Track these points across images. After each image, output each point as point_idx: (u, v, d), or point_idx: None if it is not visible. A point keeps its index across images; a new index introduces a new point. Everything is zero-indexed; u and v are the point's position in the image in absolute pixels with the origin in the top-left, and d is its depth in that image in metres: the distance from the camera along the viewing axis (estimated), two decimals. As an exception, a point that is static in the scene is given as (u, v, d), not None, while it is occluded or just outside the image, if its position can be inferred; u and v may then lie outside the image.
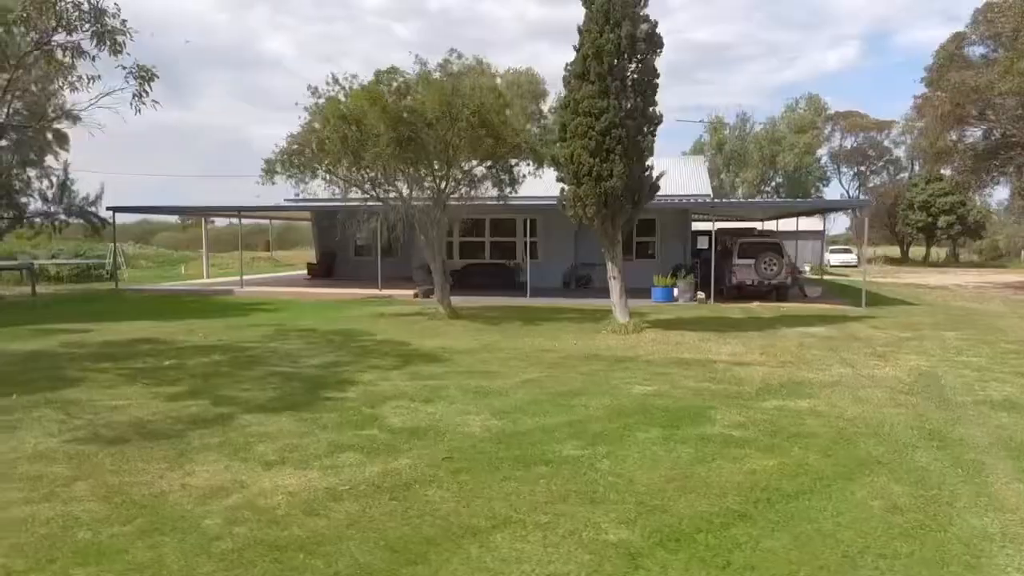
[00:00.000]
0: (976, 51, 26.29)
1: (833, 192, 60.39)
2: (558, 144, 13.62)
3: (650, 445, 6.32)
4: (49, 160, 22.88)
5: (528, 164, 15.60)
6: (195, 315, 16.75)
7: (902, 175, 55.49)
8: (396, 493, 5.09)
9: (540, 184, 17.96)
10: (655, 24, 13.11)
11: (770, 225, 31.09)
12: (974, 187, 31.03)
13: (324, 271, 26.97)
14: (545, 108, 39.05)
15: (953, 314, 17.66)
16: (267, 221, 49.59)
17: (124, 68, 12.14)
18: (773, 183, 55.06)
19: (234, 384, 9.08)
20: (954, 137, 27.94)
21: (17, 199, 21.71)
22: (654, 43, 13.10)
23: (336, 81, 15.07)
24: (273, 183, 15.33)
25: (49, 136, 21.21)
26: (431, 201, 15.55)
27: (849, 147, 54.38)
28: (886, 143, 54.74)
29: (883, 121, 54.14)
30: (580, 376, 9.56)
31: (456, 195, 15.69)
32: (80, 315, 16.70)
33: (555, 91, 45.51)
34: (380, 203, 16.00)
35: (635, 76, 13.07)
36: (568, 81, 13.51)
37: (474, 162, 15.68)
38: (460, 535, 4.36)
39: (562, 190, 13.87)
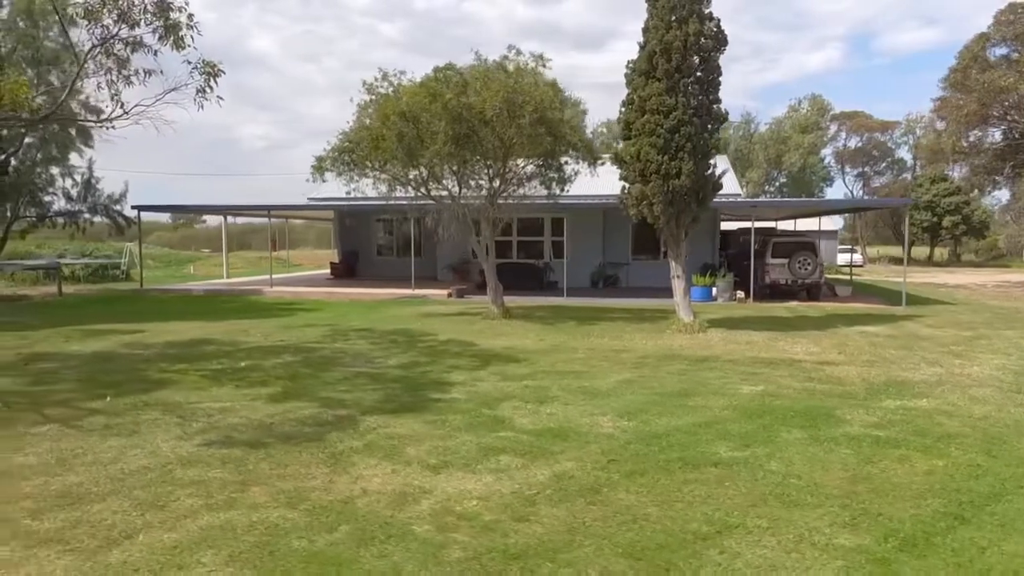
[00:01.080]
0: (996, 52, 26.46)
1: (836, 192, 60.82)
2: (621, 142, 13.49)
3: (804, 446, 6.20)
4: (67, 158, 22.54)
5: (580, 162, 15.43)
6: (238, 315, 16.48)
7: (904, 175, 55.94)
8: (589, 497, 4.94)
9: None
10: (719, 22, 13.03)
11: (785, 225, 31.17)
12: (989, 187, 31.24)
13: (347, 271, 26.70)
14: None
15: (998, 313, 17.70)
16: (266, 221, 49.31)
17: (189, 63, 11.91)
18: (777, 183, 55.27)
19: (326, 385, 8.88)
20: (972, 137, 28.11)
21: (40, 197, 21.31)
22: (720, 40, 13.02)
23: (385, 77, 14.88)
24: (324, 180, 15.09)
25: (72, 132, 20.83)
26: (483, 200, 15.37)
27: (853, 147, 54.73)
28: (889, 144, 55.24)
29: (888, 122, 54.62)
30: (674, 376, 9.44)
31: (506, 193, 15.51)
32: (118, 315, 16.37)
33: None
34: (430, 202, 15.76)
35: (699, 73, 12.98)
36: (631, 79, 13.39)
37: (520, 161, 15.51)
38: (691, 541, 4.22)
39: (623, 188, 13.76)
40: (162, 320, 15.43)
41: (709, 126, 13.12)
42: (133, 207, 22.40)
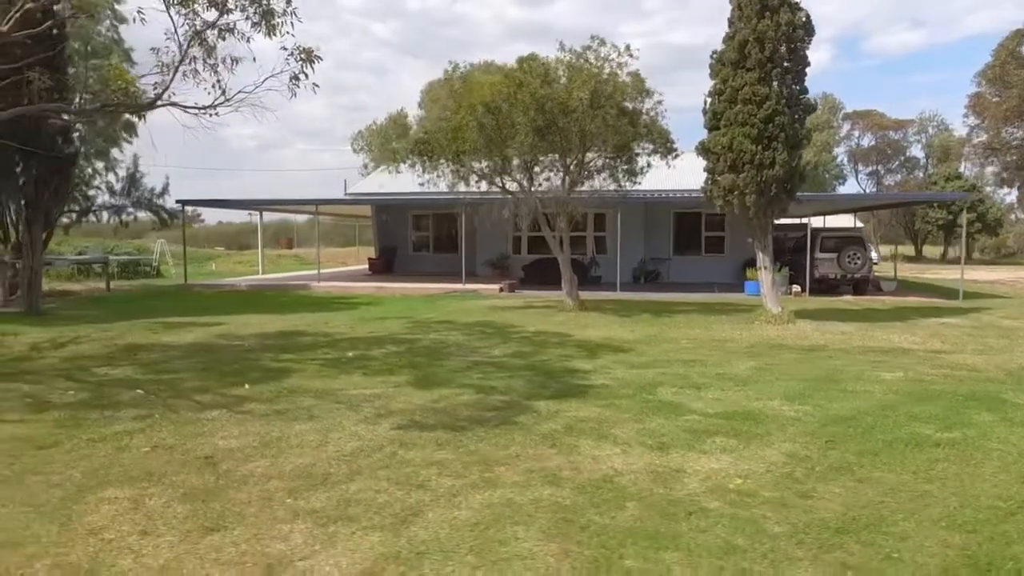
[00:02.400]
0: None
1: (849, 190, 60.97)
2: (708, 133, 13.44)
3: (1007, 427, 6.16)
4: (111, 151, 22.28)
5: (652, 155, 15.36)
6: (303, 309, 16.29)
7: (916, 173, 56.29)
8: (849, 476, 4.86)
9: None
10: (808, 12, 13.00)
11: (816, 222, 31.22)
12: (1018, 183, 31.40)
13: (385, 266, 26.52)
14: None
15: (1059, 306, 17.79)
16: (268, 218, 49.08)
17: (285, 49, 11.76)
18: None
19: (455, 373, 8.76)
20: (1005, 134, 28.25)
21: (85, 191, 21.05)
22: (808, 30, 12.99)
23: (456, 68, 14.78)
24: (399, 172, 14.94)
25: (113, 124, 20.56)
26: (555, 193, 15.27)
27: (866, 145, 55.10)
28: (902, 142, 55.55)
29: (901, 120, 54.96)
30: (800, 364, 9.38)
31: (579, 186, 15.42)
32: (182, 309, 16.14)
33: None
34: (504, 195, 15.64)
35: (787, 63, 12.95)
36: (717, 69, 13.35)
37: (590, 154, 15.41)
38: (1003, 514, 4.15)
39: (707, 179, 13.70)
40: (232, 313, 15.23)
41: (797, 116, 13.09)
42: (177, 201, 22.15)
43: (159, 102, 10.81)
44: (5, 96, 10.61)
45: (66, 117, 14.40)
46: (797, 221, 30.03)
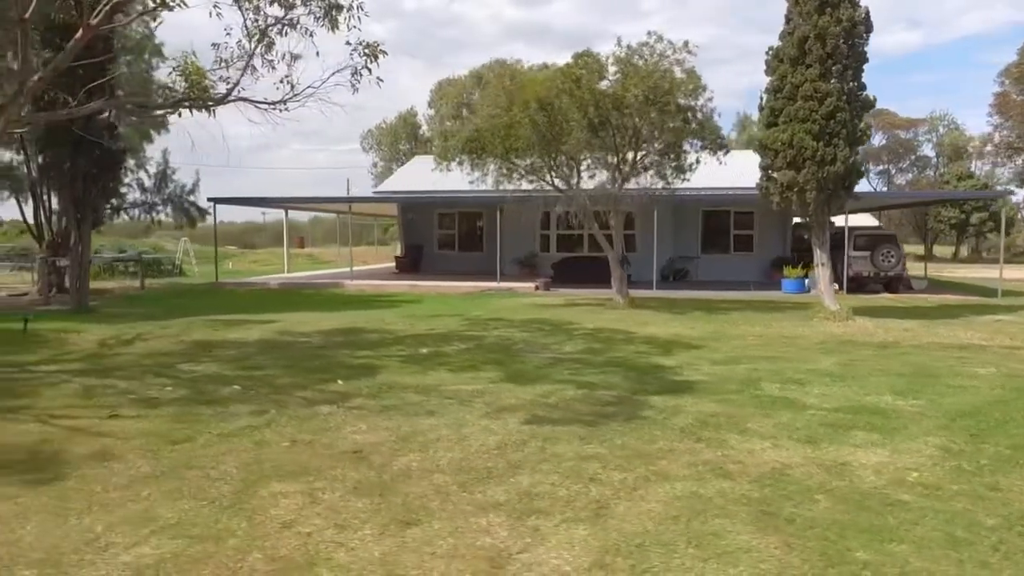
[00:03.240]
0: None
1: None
2: (765, 129, 13.41)
3: None
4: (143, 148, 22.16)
5: (700, 151, 15.32)
6: (347, 307, 16.20)
7: (927, 172, 56.41)
8: (1018, 469, 4.83)
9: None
10: (867, 8, 12.98)
11: (838, 220, 31.22)
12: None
13: (411, 264, 26.43)
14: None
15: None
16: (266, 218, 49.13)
17: (349, 44, 11.68)
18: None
19: (543, 369, 8.70)
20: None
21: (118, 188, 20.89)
22: (868, 27, 12.97)
23: (503, 65, 14.69)
24: (449, 170, 14.89)
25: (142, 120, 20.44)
26: (605, 190, 15.23)
27: (877, 145, 55.18)
28: (914, 141, 55.64)
29: (913, 119, 55.06)
30: (884, 360, 9.35)
31: (628, 183, 15.37)
32: (226, 307, 16.02)
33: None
34: (550, 192, 15.58)
35: (848, 59, 12.92)
36: (774, 67, 13.32)
37: (641, 151, 15.37)
38: None
39: (763, 176, 13.67)
40: (279, 311, 15.14)
41: (856, 112, 13.06)
42: (208, 199, 22.06)
43: (230, 97, 10.74)
44: (71, 91, 10.51)
45: (112, 113, 14.33)
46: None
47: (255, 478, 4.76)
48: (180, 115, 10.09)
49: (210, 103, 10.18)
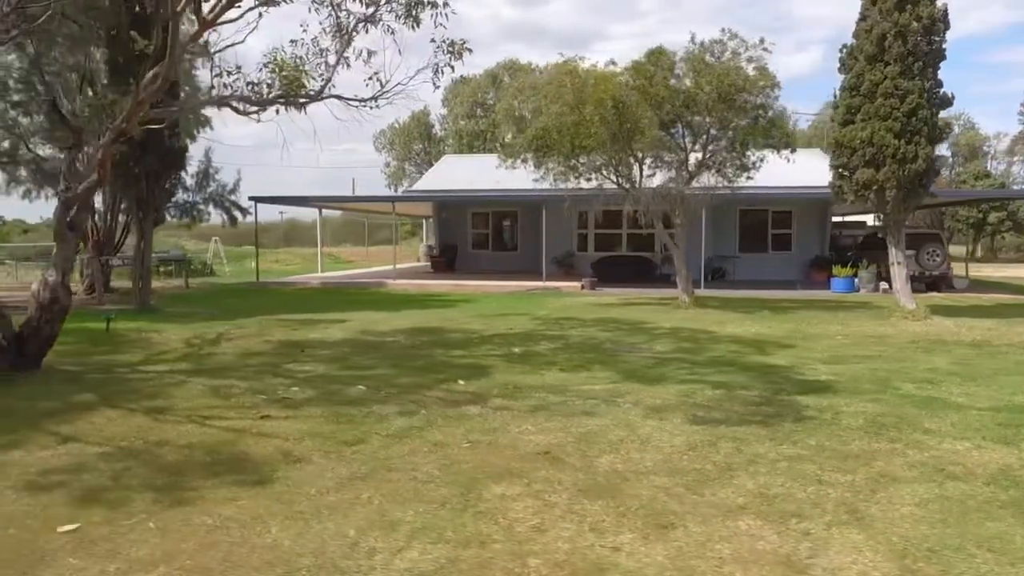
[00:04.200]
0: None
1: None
2: (840, 128, 13.32)
3: None
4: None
5: (764, 150, 15.22)
6: (405, 307, 16.04)
7: (943, 172, 56.47)
8: None
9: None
10: (946, 5, 12.90)
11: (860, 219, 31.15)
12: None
13: (448, 264, 26.31)
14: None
15: None
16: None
17: (434, 41, 11.56)
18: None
19: (652, 369, 8.60)
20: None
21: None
22: (946, 24, 12.89)
23: (568, 61, 14.58)
24: (515, 167, 14.77)
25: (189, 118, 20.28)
26: (667, 187, 15.13)
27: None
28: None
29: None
30: (994, 360, 9.24)
31: (693, 182, 15.27)
32: (281, 307, 15.83)
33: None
34: (617, 190, 15.46)
35: (926, 57, 12.84)
36: (850, 64, 13.23)
37: (708, 150, 15.27)
38: None
39: (837, 175, 13.58)
40: (341, 311, 14.97)
41: (934, 110, 12.98)
42: (250, 198, 21.91)
43: (323, 95, 10.62)
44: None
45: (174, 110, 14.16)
46: (854, 219, 30.06)
47: (465, 480, 4.64)
48: (278, 112, 9.95)
49: (303, 100, 10.06)
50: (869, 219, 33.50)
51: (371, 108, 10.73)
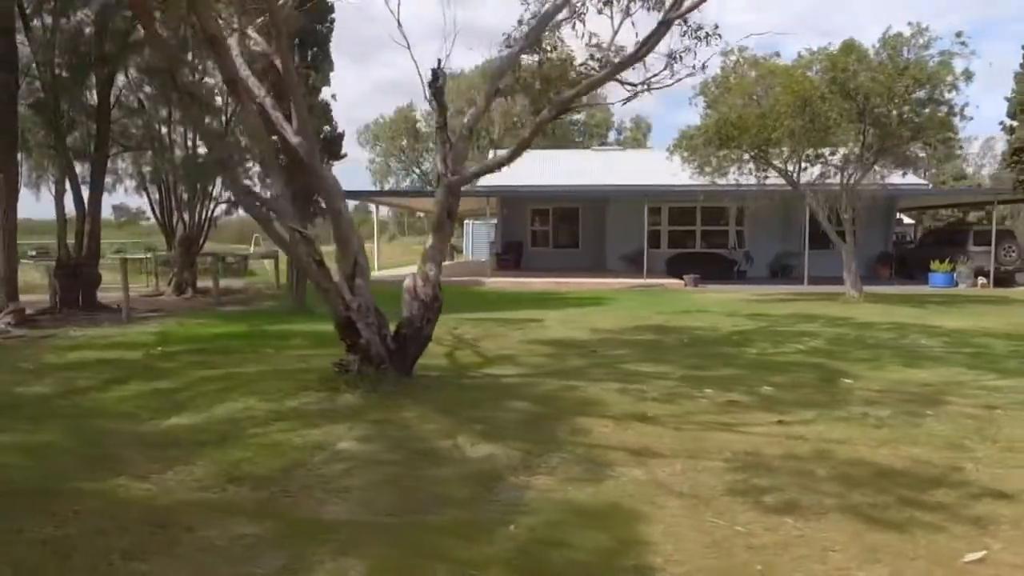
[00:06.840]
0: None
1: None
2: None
3: None
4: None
5: (927, 146, 15.36)
6: (556, 306, 15.27)
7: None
8: None
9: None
10: None
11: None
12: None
13: (514, 261, 25.66)
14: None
15: None
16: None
17: (679, 25, 11.10)
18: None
19: (991, 363, 8.43)
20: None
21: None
22: None
23: (742, 53, 14.28)
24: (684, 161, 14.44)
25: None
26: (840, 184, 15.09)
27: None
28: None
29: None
30: None
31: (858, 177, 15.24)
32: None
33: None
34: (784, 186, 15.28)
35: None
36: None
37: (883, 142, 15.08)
38: None
39: (1019, 170, 13.78)
40: (498, 310, 14.16)
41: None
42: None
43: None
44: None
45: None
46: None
47: None
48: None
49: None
50: (906, 218, 34.59)
51: (643, 92, 10.19)
